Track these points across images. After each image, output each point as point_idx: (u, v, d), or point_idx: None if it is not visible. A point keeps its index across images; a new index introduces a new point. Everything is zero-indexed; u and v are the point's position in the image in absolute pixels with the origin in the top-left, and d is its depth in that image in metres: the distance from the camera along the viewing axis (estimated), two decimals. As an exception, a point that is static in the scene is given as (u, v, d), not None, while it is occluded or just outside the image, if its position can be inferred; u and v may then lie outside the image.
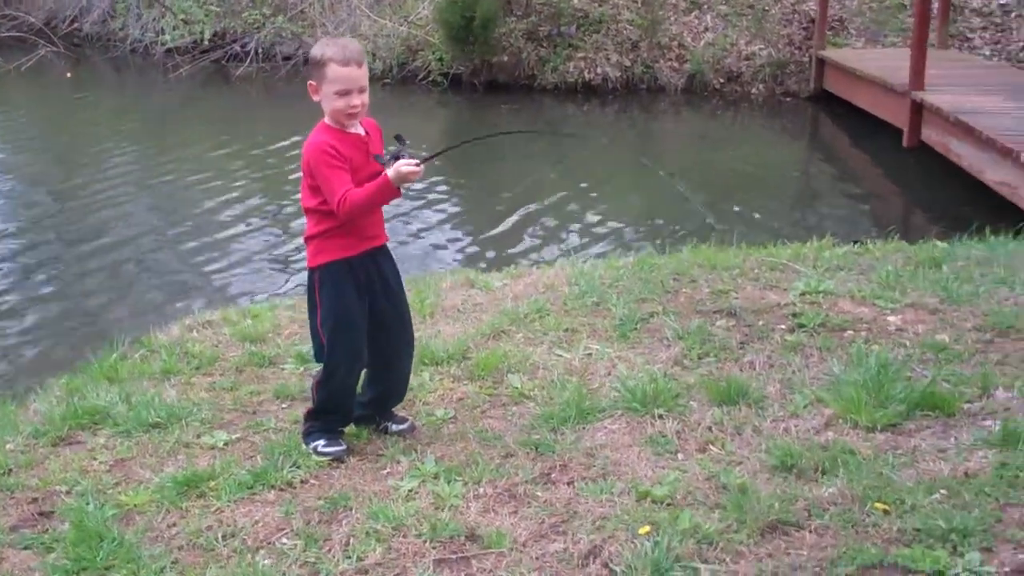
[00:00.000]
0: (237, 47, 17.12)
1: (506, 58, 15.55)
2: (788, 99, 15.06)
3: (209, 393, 4.75)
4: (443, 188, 10.74)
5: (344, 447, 4.03)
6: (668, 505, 3.53)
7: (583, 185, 10.89)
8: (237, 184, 11.06)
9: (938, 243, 6.30)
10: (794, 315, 5.06)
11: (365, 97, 3.78)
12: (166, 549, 3.46)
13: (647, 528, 3.36)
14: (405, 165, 3.69)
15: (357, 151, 3.84)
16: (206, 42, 16.98)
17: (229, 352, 5.26)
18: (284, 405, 4.57)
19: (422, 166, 3.73)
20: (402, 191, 3.85)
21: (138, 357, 5.28)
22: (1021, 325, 4.86)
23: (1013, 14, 15.71)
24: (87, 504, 3.76)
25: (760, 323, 5.02)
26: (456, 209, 10.29)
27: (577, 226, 9.49)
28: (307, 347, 5.14)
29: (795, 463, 3.74)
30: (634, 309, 5.23)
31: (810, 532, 3.32)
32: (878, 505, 3.42)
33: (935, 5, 14.42)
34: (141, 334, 5.71)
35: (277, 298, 6.59)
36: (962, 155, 9.62)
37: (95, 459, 4.17)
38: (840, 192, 11.20)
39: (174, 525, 3.64)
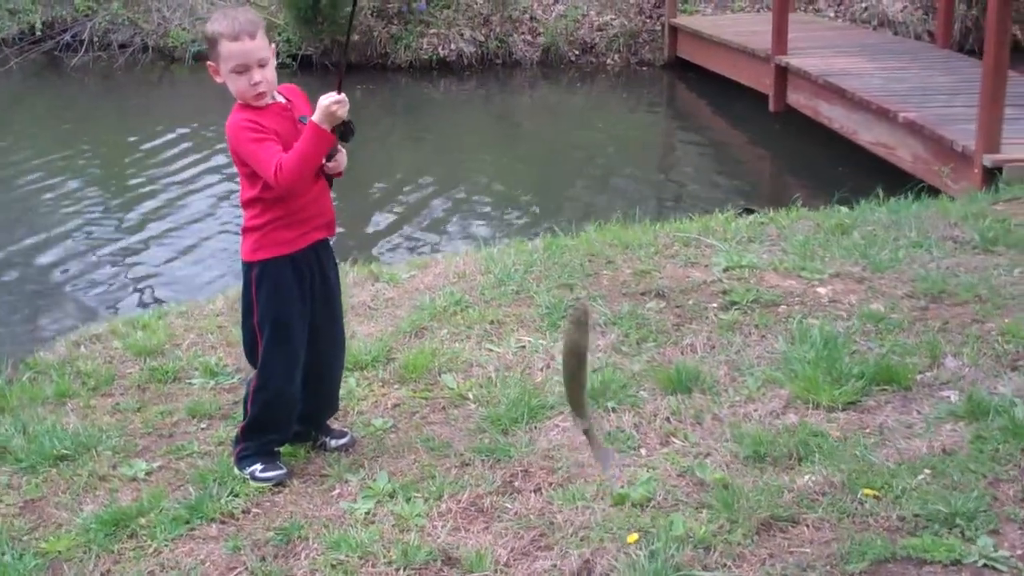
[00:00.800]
0: (68, 36, 16.20)
1: (356, 37, 15.11)
2: (644, 68, 15.08)
3: (114, 417, 4.33)
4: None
5: (284, 471, 3.69)
6: (650, 508, 3.33)
7: (450, 167, 10.65)
8: (77, 187, 10.34)
9: (842, 209, 6.25)
10: (724, 292, 4.92)
11: (268, 72, 3.42)
12: (106, 603, 3.10)
13: (635, 536, 3.16)
14: (324, 98, 3.34)
15: (282, 120, 3.49)
16: (37, 32, 15.99)
17: (126, 369, 4.84)
18: (202, 425, 4.20)
19: (343, 94, 3.36)
20: (336, 134, 3.43)
21: (26, 380, 4.81)
22: (952, 290, 4.82)
23: (853, -24, 16.02)
24: (2, 556, 3.36)
25: (690, 303, 4.86)
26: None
27: (457, 211, 9.24)
28: (213, 358, 4.80)
29: (767, 452, 3.59)
30: (558, 296, 5.01)
31: (807, 527, 3.16)
32: (867, 491, 3.29)
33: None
34: (18, 355, 5.24)
35: (163, 304, 6.13)
36: (832, 117, 9.71)
37: (0, 501, 3.74)
38: (711, 159, 11.23)
39: (108, 572, 3.27)
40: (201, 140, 11.79)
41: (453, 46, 15.14)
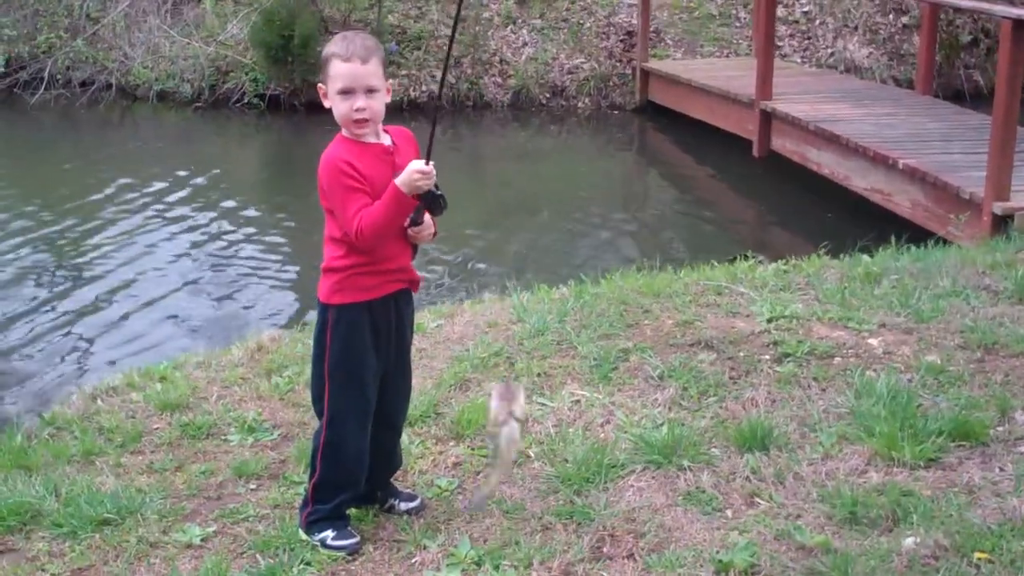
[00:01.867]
0: (25, 74, 15.82)
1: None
2: (614, 112, 15.03)
3: (151, 477, 4.11)
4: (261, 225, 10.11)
5: (357, 539, 3.47)
6: (756, 575, 3.18)
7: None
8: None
9: (865, 256, 6.19)
10: (774, 344, 4.81)
11: (375, 102, 3.27)
12: None
13: (751, 606, 3.01)
14: (412, 164, 3.23)
15: (381, 164, 3.33)
16: (1, 69, 15.61)
17: (151, 424, 4.62)
18: (251, 486, 3.98)
19: (431, 165, 3.24)
20: (424, 203, 3.31)
21: (47, 436, 4.56)
22: (1004, 341, 4.75)
23: (817, 21, 16.17)
24: (59, 633, 3.13)
25: (742, 354, 4.74)
26: (280, 252, 9.53)
27: (437, 258, 9.06)
28: (247, 412, 4.60)
29: (862, 513, 3.46)
30: (603, 347, 4.87)
31: (930, 595, 3.04)
32: (980, 555, 3.18)
33: (745, 16, 14.80)
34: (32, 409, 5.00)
35: (180, 354, 5.89)
36: (822, 163, 9.71)
37: (45, 571, 3.51)
38: (691, 205, 11.18)
39: (184, 651, 3.05)
40: (159, 189, 11.40)
41: (424, 87, 15.01)
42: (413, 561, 3.39)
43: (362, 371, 3.41)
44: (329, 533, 3.46)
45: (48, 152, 13.68)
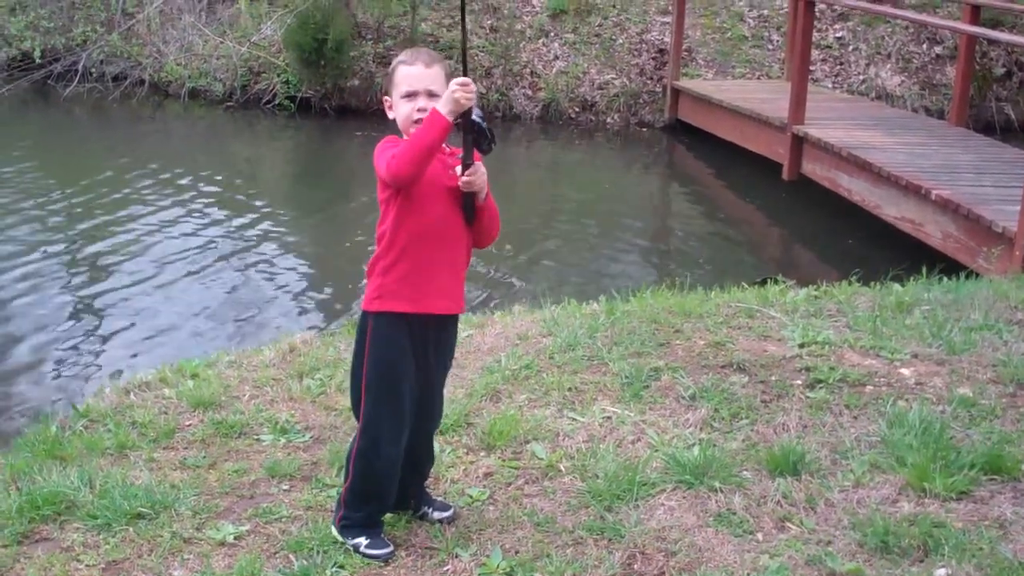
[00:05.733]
0: (60, 67, 15.95)
1: (357, 82, 15.02)
2: (643, 129, 15.07)
3: (185, 473, 4.14)
4: (290, 228, 10.17)
5: (391, 548, 3.49)
6: (789, 599, 3.20)
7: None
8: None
9: (896, 286, 6.20)
10: (807, 369, 4.82)
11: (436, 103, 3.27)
12: None
13: (783, 630, 3.02)
14: (454, 82, 3.17)
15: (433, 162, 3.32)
16: (37, 60, 15.73)
17: (184, 420, 4.65)
18: (284, 487, 4.01)
19: (468, 80, 3.18)
20: (469, 137, 3.27)
21: (81, 428, 4.60)
22: (1038, 377, 4.75)
23: (850, 47, 16.18)
24: (94, 625, 3.16)
25: (774, 379, 4.76)
26: (305, 255, 9.53)
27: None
28: (279, 413, 4.63)
29: (894, 542, 3.47)
30: (636, 365, 4.88)
31: (962, 627, 3.04)
32: (1011, 590, 3.18)
33: (777, 38, 14.78)
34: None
35: (211, 352, 5.93)
36: (853, 190, 9.71)
37: (79, 562, 3.53)
38: (716, 225, 11.18)
39: (217, 648, 3.08)
40: (188, 186, 11.47)
41: (455, 96, 15.04)
42: (445, 569, 3.41)
43: (399, 381, 3.41)
44: (363, 540, 3.49)
45: (79, 145, 13.80)
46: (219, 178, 11.92)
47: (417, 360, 3.44)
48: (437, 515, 3.69)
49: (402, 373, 3.42)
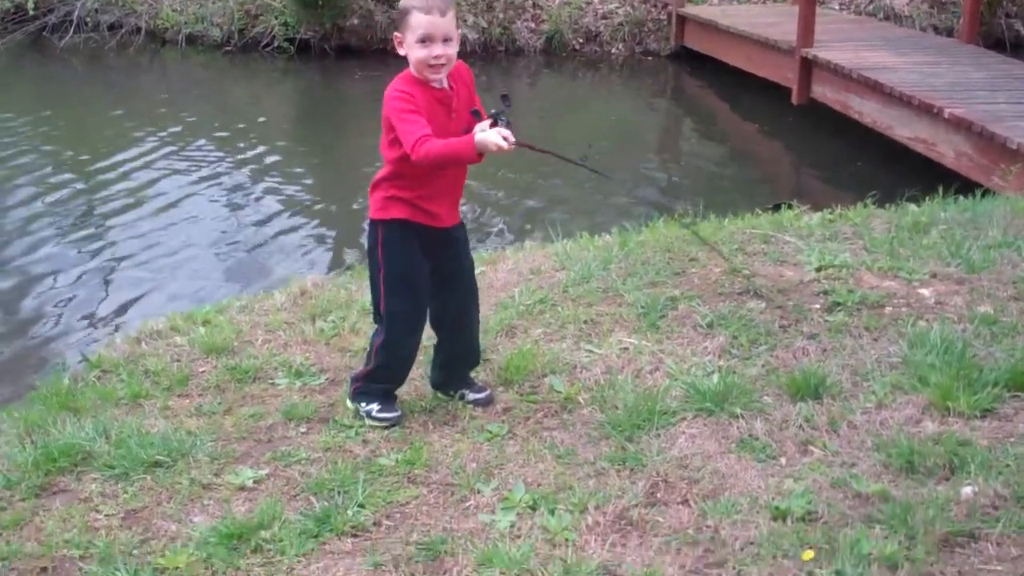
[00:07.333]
0: (54, 17, 15.78)
1: (356, 21, 14.85)
2: (648, 58, 14.90)
3: (200, 420, 4.11)
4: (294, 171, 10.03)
5: (399, 412, 3.92)
6: (814, 522, 3.16)
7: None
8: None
9: (912, 206, 6.11)
10: (824, 293, 4.76)
11: (450, 49, 3.57)
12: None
13: (810, 553, 2.99)
14: (499, 134, 3.43)
15: (436, 105, 3.62)
16: (30, 11, 15.57)
17: (197, 368, 4.61)
18: (302, 430, 3.98)
19: (513, 144, 3.45)
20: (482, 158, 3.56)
21: (94, 379, 4.57)
22: (1059, 293, 4.69)
23: (856, -31, 15.91)
24: (115, 572, 3.13)
25: (791, 304, 4.69)
26: (310, 196, 9.49)
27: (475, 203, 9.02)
28: (293, 357, 4.60)
29: (919, 462, 3.43)
30: (652, 295, 4.83)
31: (990, 543, 3.00)
32: (1041, 506, 3.14)
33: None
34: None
35: (221, 297, 5.89)
36: (864, 112, 9.58)
37: (98, 512, 3.50)
38: (725, 152, 11.08)
39: (242, 592, 3.06)
40: (188, 133, 11.37)
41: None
42: (467, 505, 3.39)
43: (414, 277, 3.75)
44: (375, 406, 3.89)
45: (77, 96, 13.70)
46: (219, 122, 11.81)
47: (428, 253, 3.75)
48: (473, 396, 4.02)
49: (416, 268, 3.75)
